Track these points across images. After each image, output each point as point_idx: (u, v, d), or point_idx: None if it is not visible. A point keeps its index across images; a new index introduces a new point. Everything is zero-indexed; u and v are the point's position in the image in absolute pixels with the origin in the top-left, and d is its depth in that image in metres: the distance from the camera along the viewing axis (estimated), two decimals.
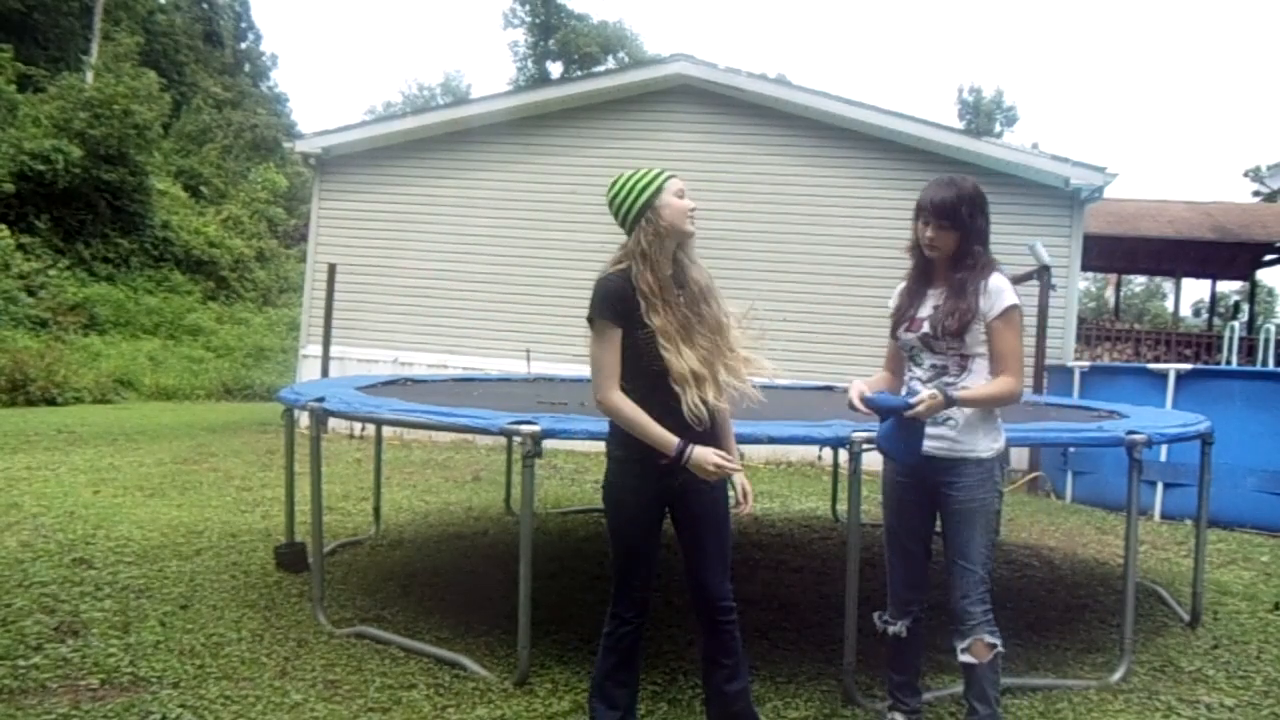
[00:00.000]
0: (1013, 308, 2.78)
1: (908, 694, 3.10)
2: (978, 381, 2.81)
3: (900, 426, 2.75)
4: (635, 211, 2.68)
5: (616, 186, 2.73)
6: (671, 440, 2.60)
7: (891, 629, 3.03)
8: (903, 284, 3.02)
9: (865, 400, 2.77)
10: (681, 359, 2.61)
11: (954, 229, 2.79)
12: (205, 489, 7.11)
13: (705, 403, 2.62)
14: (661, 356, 2.61)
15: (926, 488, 2.90)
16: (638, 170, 2.73)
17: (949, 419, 2.81)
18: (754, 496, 2.85)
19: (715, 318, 2.75)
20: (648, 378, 2.64)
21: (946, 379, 2.81)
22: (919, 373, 2.90)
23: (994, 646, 2.80)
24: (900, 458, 2.83)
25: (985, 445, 2.83)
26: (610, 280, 2.69)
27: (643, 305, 2.63)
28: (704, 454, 2.60)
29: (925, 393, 2.71)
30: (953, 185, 2.83)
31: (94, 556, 4.93)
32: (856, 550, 3.37)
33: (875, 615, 3.10)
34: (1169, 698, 3.58)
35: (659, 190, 2.67)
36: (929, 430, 2.81)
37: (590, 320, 2.69)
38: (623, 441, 2.73)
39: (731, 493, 2.80)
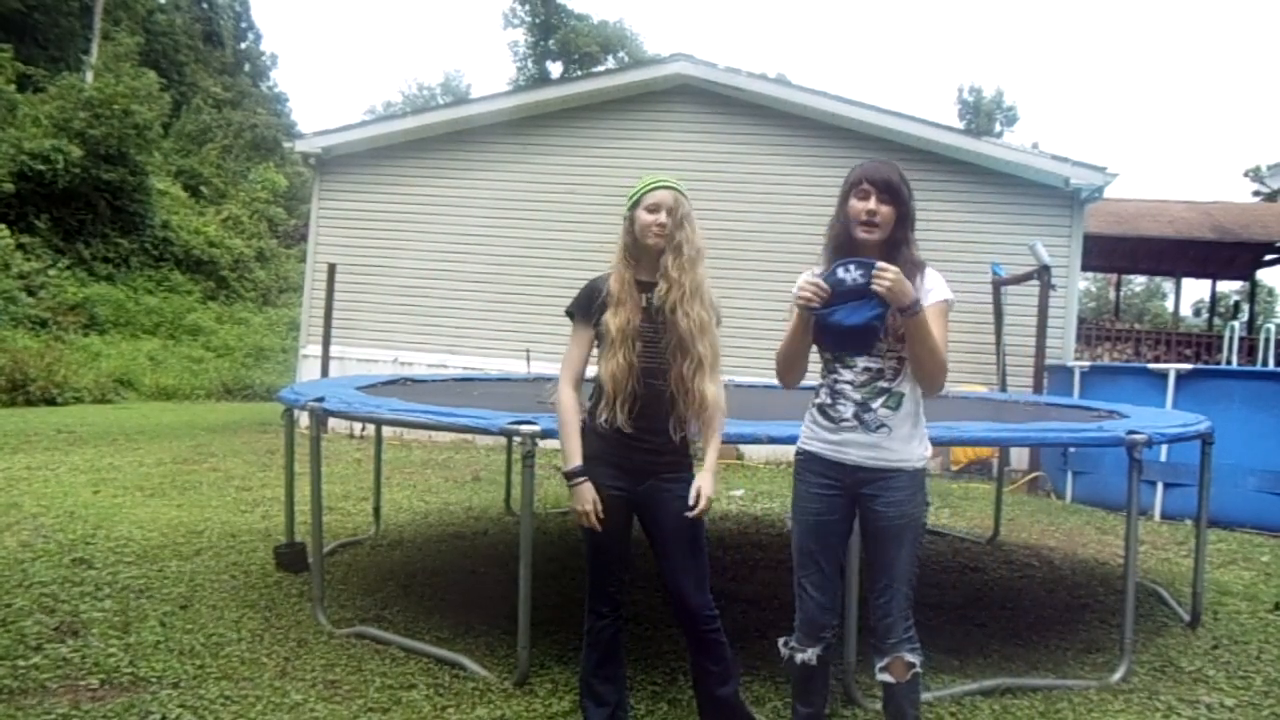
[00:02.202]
0: (949, 301, 2.62)
1: None
2: (910, 387, 2.62)
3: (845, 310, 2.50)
4: (624, 215, 2.82)
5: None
6: (574, 459, 2.72)
7: (800, 656, 2.74)
8: (815, 271, 2.59)
9: (824, 277, 2.49)
10: (608, 363, 2.68)
11: (895, 205, 2.58)
12: (205, 489, 7.11)
13: (613, 421, 2.66)
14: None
15: (850, 501, 2.68)
16: (652, 178, 2.82)
17: (883, 426, 2.60)
18: (708, 504, 2.73)
19: (685, 343, 2.69)
20: None
21: (881, 383, 2.59)
22: (849, 375, 2.62)
23: (912, 666, 2.63)
24: (839, 338, 2.58)
25: (918, 454, 2.64)
26: (593, 279, 2.83)
27: (607, 302, 2.73)
28: (582, 497, 2.68)
29: (894, 270, 2.43)
30: (890, 165, 2.67)
31: (94, 556, 4.93)
32: (855, 550, 3.36)
33: (781, 641, 2.82)
34: (1169, 698, 3.58)
35: (637, 202, 2.76)
36: (861, 439, 2.60)
37: (569, 315, 2.84)
38: (585, 438, 2.80)
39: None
